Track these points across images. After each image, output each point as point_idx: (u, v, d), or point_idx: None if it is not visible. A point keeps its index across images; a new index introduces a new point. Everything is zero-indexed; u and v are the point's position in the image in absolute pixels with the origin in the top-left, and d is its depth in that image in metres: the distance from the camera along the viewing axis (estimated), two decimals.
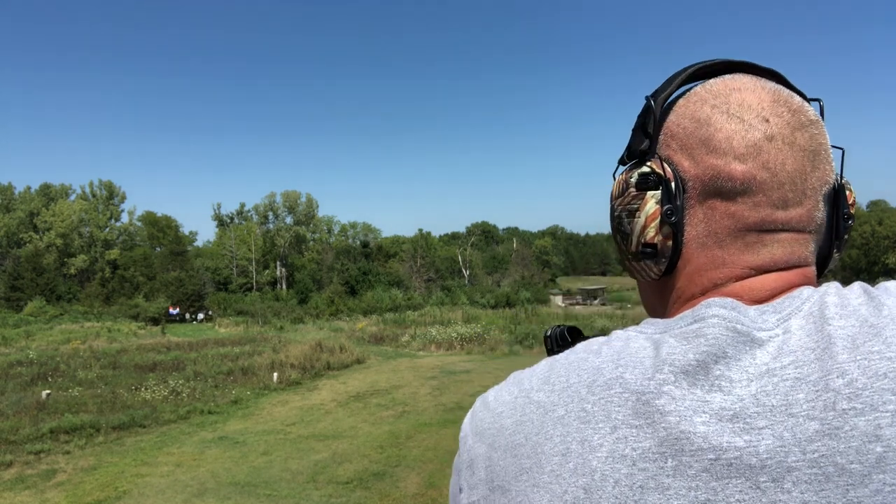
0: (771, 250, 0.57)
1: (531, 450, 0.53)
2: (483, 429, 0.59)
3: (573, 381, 0.54)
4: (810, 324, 0.51)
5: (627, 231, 0.63)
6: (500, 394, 0.60)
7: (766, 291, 0.57)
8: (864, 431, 0.45)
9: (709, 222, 0.59)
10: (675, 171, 0.60)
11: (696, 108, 0.60)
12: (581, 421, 0.52)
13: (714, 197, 0.58)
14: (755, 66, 0.63)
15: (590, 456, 0.50)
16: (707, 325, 0.52)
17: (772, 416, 0.47)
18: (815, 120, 0.59)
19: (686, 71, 0.64)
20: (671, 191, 0.59)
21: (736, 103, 0.58)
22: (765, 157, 0.56)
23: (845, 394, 0.47)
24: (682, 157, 0.60)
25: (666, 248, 0.60)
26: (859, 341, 0.49)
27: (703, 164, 0.58)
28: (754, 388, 0.49)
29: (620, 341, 0.56)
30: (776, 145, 0.57)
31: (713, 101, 0.59)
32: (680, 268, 0.61)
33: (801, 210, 0.57)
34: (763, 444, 0.47)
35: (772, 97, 0.59)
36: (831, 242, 0.63)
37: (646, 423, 0.49)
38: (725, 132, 0.57)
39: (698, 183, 0.59)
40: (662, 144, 0.62)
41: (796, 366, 0.49)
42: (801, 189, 0.57)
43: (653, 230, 0.60)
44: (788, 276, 0.58)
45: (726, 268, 0.58)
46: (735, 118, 0.58)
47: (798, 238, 0.58)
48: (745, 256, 0.58)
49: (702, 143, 0.58)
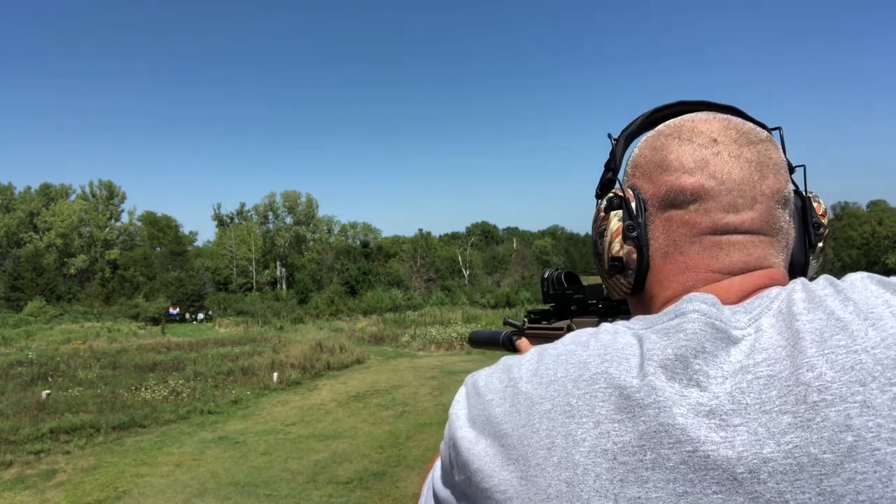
0: (728, 253, 0.62)
1: (517, 441, 0.55)
2: (474, 416, 0.60)
3: (560, 375, 0.56)
4: (780, 321, 0.53)
5: (600, 251, 0.70)
6: (490, 380, 0.62)
7: (734, 293, 0.60)
8: (835, 422, 0.47)
9: (668, 232, 0.65)
10: (636, 193, 0.67)
11: (654, 139, 0.68)
12: (566, 415, 0.53)
13: (670, 208, 0.64)
14: (712, 104, 0.70)
15: (573, 450, 0.52)
16: (687, 319, 0.54)
17: (746, 413, 0.49)
18: (763, 139, 0.65)
19: (647, 113, 0.73)
20: (631, 209, 0.66)
21: (688, 130, 0.66)
22: (712, 168, 0.62)
23: (815, 386, 0.48)
24: (643, 181, 0.68)
25: (631, 261, 0.66)
26: (826, 335, 0.50)
27: (659, 183, 0.65)
28: (729, 385, 0.50)
29: (608, 335, 0.58)
30: (722, 158, 0.63)
31: (668, 132, 0.67)
32: (651, 280, 0.67)
33: (753, 213, 0.62)
34: (738, 438, 0.48)
35: (722, 124, 0.65)
36: (805, 251, 0.70)
37: (627, 416, 0.51)
38: (677, 153, 0.65)
39: (656, 199, 0.66)
40: (630, 175, 0.70)
41: (768, 363, 0.50)
42: (750, 195, 0.62)
43: (617, 244, 0.67)
44: (753, 279, 0.61)
45: (691, 272, 0.63)
46: (686, 141, 0.65)
47: (754, 240, 0.62)
48: (705, 260, 0.62)
49: (657, 166, 0.66)
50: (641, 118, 0.73)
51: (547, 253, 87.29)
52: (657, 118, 0.72)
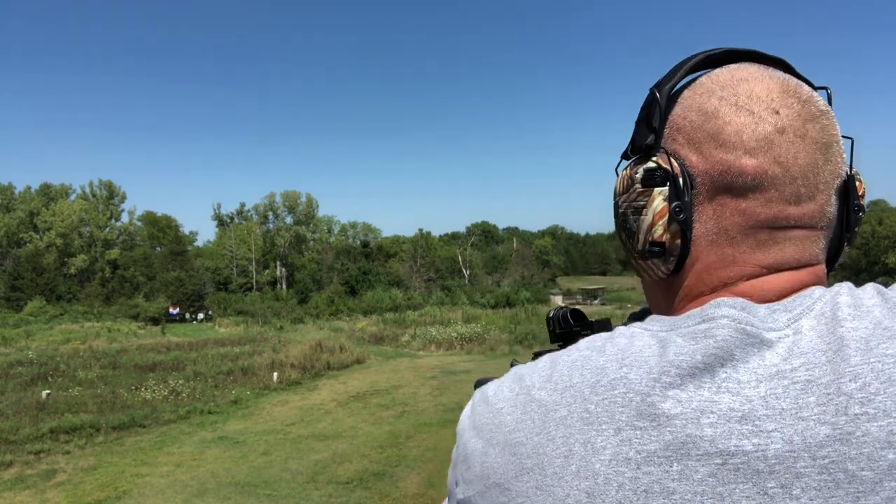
0: (782, 248, 0.55)
1: (532, 450, 0.52)
2: (482, 424, 0.57)
3: (576, 381, 0.53)
4: (822, 325, 0.50)
5: (633, 229, 0.60)
6: (500, 389, 0.58)
7: (777, 291, 0.55)
8: (877, 437, 0.44)
9: (719, 219, 0.56)
10: (682, 166, 0.57)
11: (703, 99, 0.58)
12: (584, 422, 0.50)
13: (724, 193, 0.56)
14: (762, 55, 0.61)
15: (593, 458, 0.49)
16: (716, 325, 0.51)
17: (781, 418, 0.46)
18: (825, 110, 0.57)
19: (691, 60, 0.61)
20: (679, 187, 0.57)
21: (745, 94, 0.56)
22: (776, 151, 0.54)
23: (858, 398, 0.45)
24: (689, 151, 0.57)
25: (674, 247, 0.58)
26: (872, 344, 0.47)
27: (713, 159, 0.56)
28: (763, 389, 0.47)
29: (625, 338, 0.54)
30: (787, 138, 0.54)
31: (720, 93, 0.57)
32: (688, 266, 0.59)
33: (814, 205, 0.55)
34: (772, 447, 0.45)
35: (781, 87, 0.56)
36: (842, 236, 0.61)
37: (651, 424, 0.48)
38: (735, 125, 0.55)
39: (707, 179, 0.56)
40: (668, 138, 0.60)
41: (807, 368, 0.47)
42: (813, 183, 0.55)
43: (661, 228, 0.58)
44: (800, 276, 0.56)
45: (737, 266, 0.56)
46: (744, 110, 0.55)
47: (810, 235, 0.56)
48: (756, 255, 0.55)
49: (710, 137, 0.56)
50: (685, 67, 0.61)
51: (547, 253, 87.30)
52: (702, 67, 0.61)
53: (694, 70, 0.61)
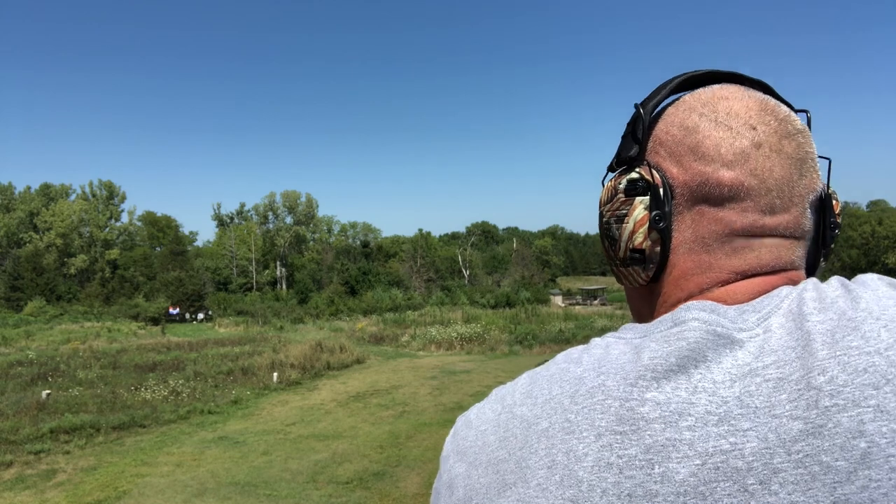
0: (758, 255, 0.58)
1: (515, 465, 0.53)
2: (465, 447, 0.58)
3: (556, 393, 0.54)
4: (790, 321, 0.51)
5: (615, 236, 0.64)
6: (482, 411, 0.59)
7: (749, 294, 0.57)
8: (848, 428, 0.45)
9: (697, 228, 0.59)
10: (663, 177, 0.61)
11: (684, 115, 0.61)
12: (566, 432, 0.51)
13: (702, 203, 0.59)
14: (743, 77, 0.65)
15: (576, 466, 0.49)
16: (687, 328, 0.53)
17: (756, 417, 0.47)
18: (801, 129, 0.60)
19: (675, 80, 0.65)
20: (659, 197, 0.60)
21: (724, 111, 0.59)
22: (752, 164, 0.57)
23: (827, 391, 0.46)
24: (670, 163, 0.61)
25: (654, 254, 0.61)
26: (838, 336, 0.49)
27: (692, 171, 0.59)
28: (738, 389, 0.49)
29: (600, 349, 0.56)
30: (763, 152, 0.57)
31: (701, 110, 0.61)
32: (667, 273, 0.62)
33: (789, 216, 0.58)
34: (748, 446, 0.47)
35: (759, 106, 0.60)
36: (818, 251, 0.64)
37: (630, 429, 0.49)
38: (713, 139, 0.58)
39: (686, 189, 0.59)
40: (651, 151, 0.63)
41: (778, 365, 0.49)
42: (788, 196, 0.58)
43: (641, 236, 0.61)
44: (772, 280, 0.58)
45: (713, 272, 0.59)
46: (723, 126, 0.59)
47: (784, 243, 0.59)
48: (731, 261, 0.58)
49: (690, 151, 0.60)
50: (669, 87, 0.65)
51: (547, 253, 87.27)
52: (686, 87, 0.65)
53: (678, 89, 0.65)
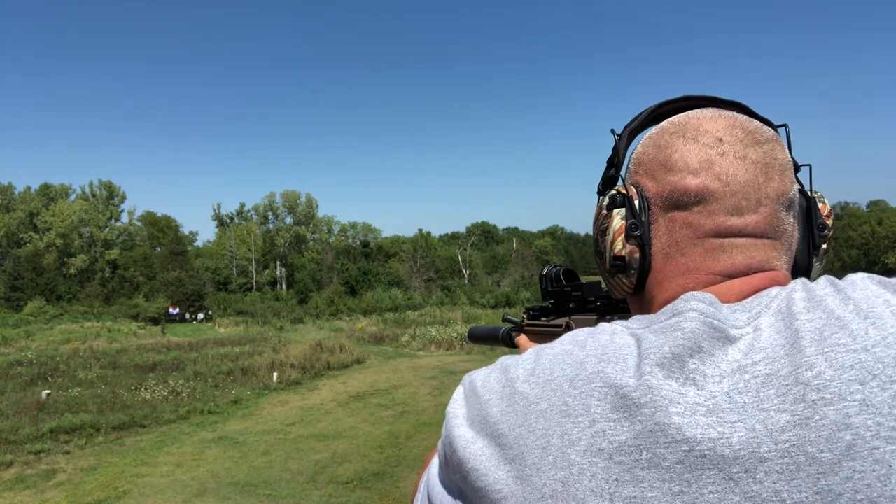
0: (731, 255, 0.61)
1: (514, 441, 0.55)
2: (472, 415, 0.60)
3: (557, 375, 0.56)
4: (779, 320, 0.53)
5: (602, 249, 0.69)
6: (487, 380, 0.61)
7: (734, 295, 0.59)
8: (834, 420, 0.46)
9: (671, 233, 0.64)
10: (639, 191, 0.66)
11: (658, 136, 0.67)
12: (562, 415, 0.53)
13: (673, 209, 0.64)
14: (719, 100, 0.69)
15: (569, 450, 0.51)
16: (685, 318, 0.54)
17: (744, 411, 0.48)
18: (770, 138, 0.64)
19: (651, 107, 0.71)
20: (634, 207, 0.66)
21: (693, 128, 0.64)
22: (717, 170, 0.61)
23: (814, 385, 0.48)
24: (646, 179, 0.67)
25: (633, 260, 0.66)
26: (826, 334, 0.50)
27: (663, 182, 0.64)
28: (727, 385, 0.50)
29: (606, 335, 0.58)
30: (727, 159, 0.62)
31: (672, 129, 0.66)
32: (651, 280, 0.66)
33: (757, 216, 0.61)
34: (735, 436, 0.48)
35: (728, 122, 0.64)
36: (809, 253, 0.68)
37: (623, 416, 0.51)
38: (681, 152, 0.63)
39: (659, 199, 0.65)
40: (632, 172, 0.69)
41: (767, 363, 0.50)
42: (755, 197, 0.61)
43: (620, 244, 0.66)
44: (754, 281, 0.60)
45: (691, 274, 0.62)
46: (691, 140, 0.63)
47: (757, 243, 0.61)
48: (707, 262, 0.62)
49: (661, 165, 0.65)
50: (645, 113, 0.71)
51: (547, 253, 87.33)
52: (662, 113, 0.71)
53: (656, 115, 0.72)
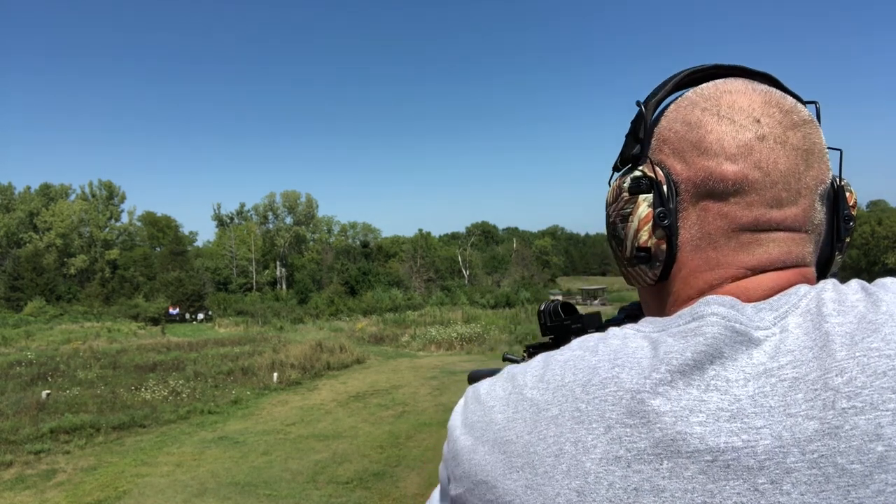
0: (766, 250, 0.56)
1: (523, 448, 0.52)
2: (472, 422, 0.57)
3: (568, 380, 0.53)
4: (808, 321, 0.50)
5: (621, 236, 0.62)
6: (493, 388, 0.59)
7: (762, 291, 0.56)
8: (865, 430, 0.44)
9: (702, 224, 0.58)
10: (667, 174, 0.59)
11: (686, 111, 0.60)
12: (575, 421, 0.50)
13: (706, 198, 0.57)
14: (748, 70, 0.63)
15: (583, 457, 0.49)
16: (706, 323, 0.51)
17: (770, 416, 0.46)
18: (808, 119, 0.59)
19: (678, 76, 0.64)
20: (663, 194, 0.59)
21: (727, 105, 0.58)
22: (756, 157, 0.56)
23: (845, 392, 0.45)
24: (674, 160, 0.60)
25: (660, 252, 0.60)
26: (857, 338, 0.47)
27: (695, 167, 0.58)
28: (752, 388, 0.47)
29: (618, 339, 0.55)
30: (768, 145, 0.56)
31: (704, 105, 0.59)
32: (675, 271, 0.60)
33: (797, 209, 0.56)
34: (761, 444, 0.45)
35: (763, 99, 0.58)
36: (832, 245, 0.62)
37: (640, 422, 0.48)
38: (716, 134, 0.57)
39: (690, 185, 0.58)
40: (655, 149, 0.62)
41: (794, 365, 0.48)
42: (795, 188, 0.56)
43: (646, 234, 0.60)
44: (786, 276, 0.56)
45: (721, 269, 0.57)
46: (726, 120, 0.57)
47: (794, 237, 0.57)
48: (739, 256, 0.57)
49: (693, 146, 0.58)
50: (672, 83, 0.63)
51: (547, 253, 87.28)
52: (690, 82, 0.63)
53: (681, 86, 0.64)
